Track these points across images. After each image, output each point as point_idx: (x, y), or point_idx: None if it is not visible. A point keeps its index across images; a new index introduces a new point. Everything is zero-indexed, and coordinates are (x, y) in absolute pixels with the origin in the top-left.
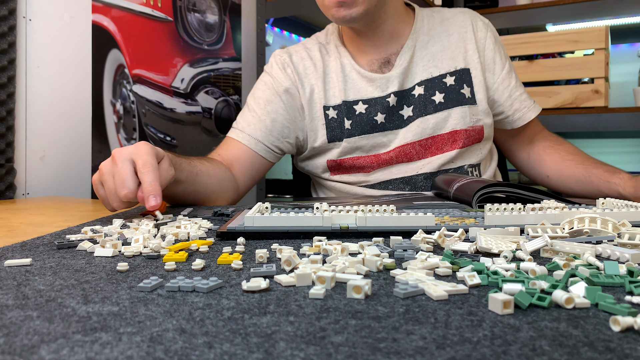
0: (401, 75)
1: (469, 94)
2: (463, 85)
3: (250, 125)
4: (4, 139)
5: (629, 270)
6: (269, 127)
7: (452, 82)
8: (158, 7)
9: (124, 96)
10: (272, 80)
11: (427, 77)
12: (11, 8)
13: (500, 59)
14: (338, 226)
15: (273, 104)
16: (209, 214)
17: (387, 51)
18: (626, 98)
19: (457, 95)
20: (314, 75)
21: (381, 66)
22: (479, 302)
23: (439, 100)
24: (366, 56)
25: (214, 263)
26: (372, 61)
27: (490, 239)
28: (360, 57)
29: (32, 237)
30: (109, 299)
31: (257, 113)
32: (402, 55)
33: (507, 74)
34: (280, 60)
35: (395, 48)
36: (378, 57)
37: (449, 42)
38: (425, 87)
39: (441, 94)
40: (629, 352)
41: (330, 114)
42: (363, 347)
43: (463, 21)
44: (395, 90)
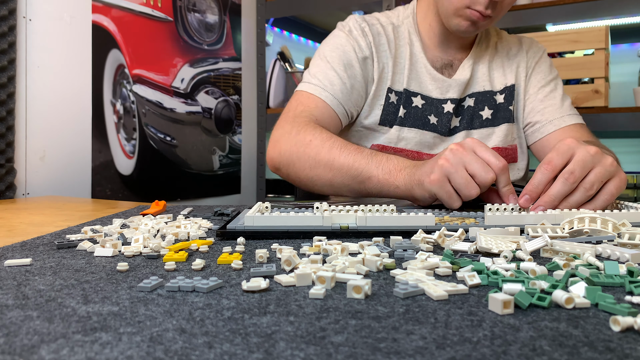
0: (462, 84)
1: (513, 112)
2: (511, 101)
3: (333, 85)
4: (4, 139)
5: (629, 270)
6: (349, 91)
7: (501, 100)
8: (158, 7)
9: (124, 96)
10: (354, 43)
11: (479, 90)
12: (11, 8)
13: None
14: (338, 226)
15: (353, 68)
16: (209, 214)
17: (454, 54)
18: (626, 98)
19: (505, 112)
20: (387, 53)
21: (443, 67)
22: (479, 302)
23: (486, 116)
24: (435, 52)
25: (214, 263)
26: (437, 58)
27: (490, 239)
28: (429, 51)
29: (32, 237)
30: (109, 299)
31: (339, 73)
32: (465, 64)
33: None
34: (360, 27)
35: (461, 54)
36: (444, 56)
37: (502, 61)
38: (475, 99)
39: (490, 110)
40: (629, 352)
41: (391, 98)
42: (363, 347)
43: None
44: (453, 98)
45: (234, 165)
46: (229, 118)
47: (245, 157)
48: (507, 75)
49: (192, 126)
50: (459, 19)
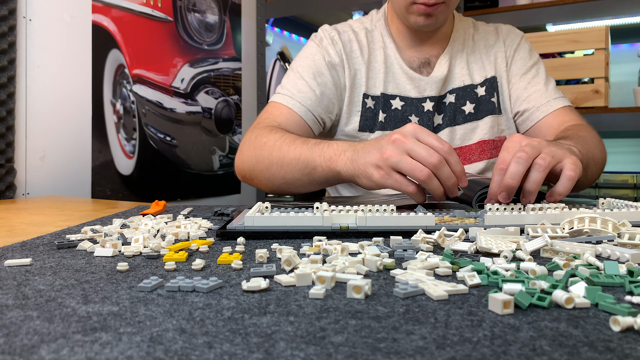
0: (440, 82)
1: (497, 103)
2: (493, 93)
3: (300, 93)
4: (4, 139)
5: (629, 270)
6: (318, 98)
7: (483, 93)
8: (158, 7)
9: (124, 96)
10: (323, 52)
11: (459, 85)
12: (11, 8)
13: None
14: (338, 226)
15: (323, 76)
16: (209, 214)
17: (429, 52)
18: (626, 98)
19: (488, 104)
20: (359, 60)
21: (420, 66)
22: (479, 302)
23: (468, 111)
24: (410, 52)
25: (214, 263)
26: (413, 58)
27: (490, 239)
28: (404, 52)
29: (32, 237)
30: (109, 299)
31: (307, 82)
32: (441, 60)
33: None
34: (330, 36)
35: (436, 50)
36: (420, 55)
37: (480, 53)
38: (456, 95)
39: (472, 104)
40: (629, 352)
41: (368, 103)
42: (363, 347)
43: (496, 32)
44: (431, 95)
45: (234, 165)
46: (229, 118)
47: None
48: (486, 67)
49: (192, 126)
50: (413, 16)
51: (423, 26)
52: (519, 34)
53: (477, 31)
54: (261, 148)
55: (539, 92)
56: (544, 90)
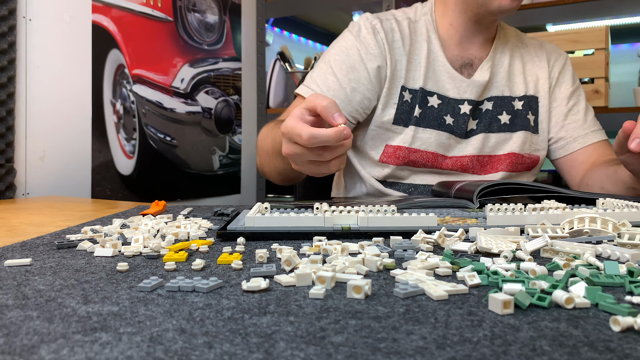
0: (481, 87)
1: (532, 122)
2: (529, 111)
3: (330, 91)
4: (4, 139)
5: (629, 270)
6: (348, 96)
7: (519, 107)
8: (158, 7)
9: (124, 96)
10: (360, 45)
11: (498, 94)
12: (11, 8)
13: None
14: (339, 226)
15: (357, 72)
16: (209, 214)
17: (474, 53)
18: (626, 98)
19: (523, 120)
20: (400, 51)
21: (462, 66)
22: (479, 302)
23: (504, 121)
24: (455, 50)
25: (214, 263)
26: (456, 57)
27: (490, 239)
28: (448, 49)
29: (32, 237)
30: (109, 299)
31: (339, 78)
32: (484, 65)
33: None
34: (371, 25)
35: (480, 53)
36: (464, 55)
37: (524, 68)
38: (494, 103)
39: (508, 115)
40: (629, 352)
41: (405, 96)
42: (363, 347)
43: (541, 48)
44: (470, 99)
45: (234, 165)
46: (229, 118)
47: (245, 157)
48: (528, 83)
49: (192, 126)
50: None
51: (508, 9)
52: (564, 55)
53: (522, 43)
54: (262, 141)
55: (577, 123)
56: (583, 120)
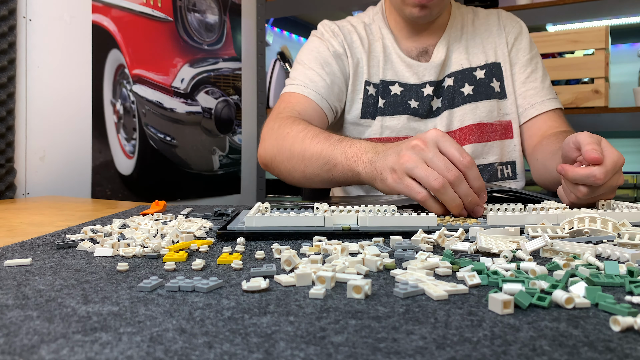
0: (438, 66)
1: (498, 88)
2: (492, 79)
3: (313, 82)
4: (4, 139)
5: (629, 270)
6: (329, 87)
7: (482, 76)
8: (158, 7)
9: (124, 96)
10: (326, 44)
11: (457, 69)
12: (11, 8)
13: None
14: (339, 226)
15: (330, 65)
16: (209, 214)
17: (427, 41)
18: (626, 98)
19: (487, 88)
20: (360, 49)
21: (419, 55)
22: (479, 302)
23: (467, 92)
24: (408, 42)
25: (214, 263)
26: (411, 48)
27: (490, 239)
28: (402, 42)
29: (32, 237)
30: (109, 299)
31: (317, 72)
32: (438, 47)
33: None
34: (330, 29)
35: (434, 40)
36: (418, 45)
37: (480, 38)
38: (455, 78)
39: (470, 86)
40: (629, 352)
41: (370, 90)
42: (363, 347)
43: (495, 19)
44: (431, 80)
45: (234, 165)
46: (229, 118)
47: (245, 157)
48: (487, 52)
49: (192, 126)
50: (408, 7)
51: (418, 18)
52: (519, 22)
53: (477, 16)
54: (283, 138)
55: (535, 90)
56: (540, 87)
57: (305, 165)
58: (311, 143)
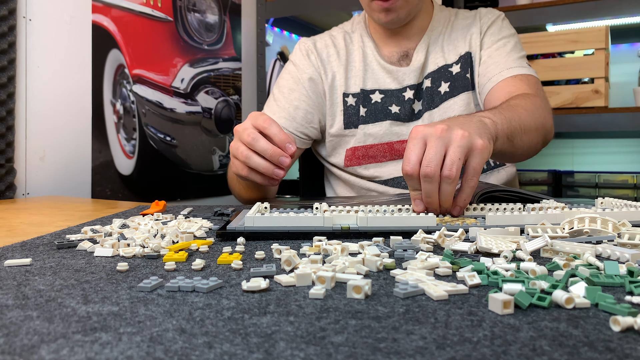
0: (417, 70)
1: (470, 79)
2: (468, 69)
3: (274, 115)
4: (4, 139)
5: (629, 270)
6: (292, 114)
7: (457, 69)
8: (158, 7)
9: (124, 96)
10: (296, 68)
11: (433, 68)
12: (11, 8)
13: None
14: (339, 226)
15: (295, 91)
16: (209, 214)
17: (407, 45)
18: (626, 98)
19: (463, 81)
20: (336, 63)
21: (400, 59)
22: (479, 302)
23: (444, 90)
24: (388, 48)
25: (214, 263)
26: (392, 53)
27: (490, 239)
28: (382, 48)
29: (32, 237)
30: (109, 299)
31: (281, 102)
32: (418, 51)
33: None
34: (305, 48)
35: (414, 43)
36: (399, 49)
37: (456, 34)
38: (432, 79)
39: (446, 83)
40: (629, 352)
41: (349, 101)
42: (363, 347)
43: (473, 14)
44: (411, 84)
45: None
46: (229, 118)
47: None
48: (459, 45)
49: (192, 126)
50: (375, 13)
51: (386, 22)
52: (496, 12)
53: (457, 17)
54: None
55: (496, 64)
56: (504, 61)
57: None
58: None
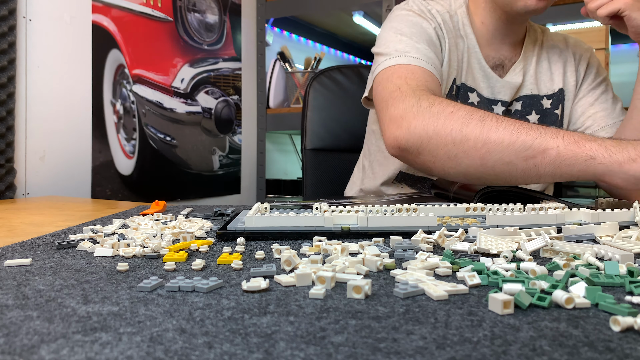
0: (514, 88)
1: (560, 116)
2: (558, 105)
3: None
4: (4, 139)
5: (629, 270)
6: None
7: (548, 106)
8: (158, 7)
9: (124, 96)
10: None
11: (527, 93)
12: (11, 8)
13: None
14: (339, 226)
15: (435, 46)
16: (209, 214)
17: (505, 54)
18: (626, 98)
19: (552, 117)
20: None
21: (494, 67)
22: (479, 302)
23: (533, 121)
24: (487, 49)
25: (214, 263)
26: (489, 57)
27: (490, 239)
28: (482, 47)
29: (32, 237)
30: (109, 299)
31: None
32: (516, 67)
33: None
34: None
35: (511, 54)
36: (496, 55)
37: (549, 63)
38: (523, 103)
39: (537, 115)
40: (629, 352)
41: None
42: (363, 347)
43: (565, 42)
44: (503, 100)
45: (234, 165)
46: (229, 118)
47: (245, 157)
48: (554, 79)
49: (192, 126)
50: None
51: (535, 10)
52: (588, 48)
53: (546, 38)
54: (447, 117)
55: (605, 111)
56: (612, 110)
57: (487, 150)
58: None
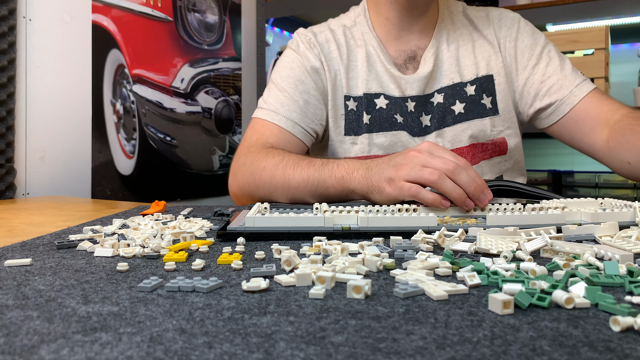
0: (423, 80)
1: (489, 104)
2: (483, 95)
3: (284, 107)
4: (4, 139)
5: (629, 270)
6: (302, 109)
7: (472, 92)
8: (158, 7)
9: (124, 96)
10: (300, 58)
11: (448, 83)
12: (11, 8)
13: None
14: (339, 227)
15: (304, 83)
16: (209, 214)
17: (416, 43)
18: (626, 98)
19: (478, 106)
20: (337, 61)
21: (406, 61)
22: (479, 302)
23: (458, 111)
24: (395, 45)
25: (214, 263)
26: (399, 53)
27: (490, 239)
28: (389, 45)
29: (32, 237)
30: (109, 299)
31: (289, 93)
32: (426, 55)
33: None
34: (306, 40)
35: (423, 42)
36: (406, 48)
37: (472, 47)
38: (445, 94)
39: (462, 103)
40: (629, 352)
41: (350, 105)
42: (363, 347)
43: (488, 21)
44: (412, 95)
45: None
46: (229, 118)
47: None
48: (478, 63)
49: (192, 126)
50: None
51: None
52: (514, 18)
53: (469, 19)
54: (261, 173)
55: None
56: (562, 77)
57: (293, 193)
58: (294, 172)
